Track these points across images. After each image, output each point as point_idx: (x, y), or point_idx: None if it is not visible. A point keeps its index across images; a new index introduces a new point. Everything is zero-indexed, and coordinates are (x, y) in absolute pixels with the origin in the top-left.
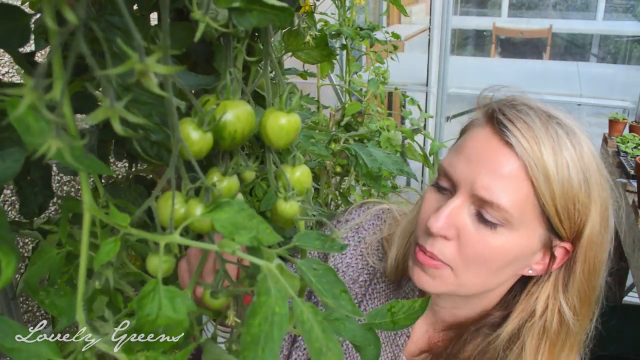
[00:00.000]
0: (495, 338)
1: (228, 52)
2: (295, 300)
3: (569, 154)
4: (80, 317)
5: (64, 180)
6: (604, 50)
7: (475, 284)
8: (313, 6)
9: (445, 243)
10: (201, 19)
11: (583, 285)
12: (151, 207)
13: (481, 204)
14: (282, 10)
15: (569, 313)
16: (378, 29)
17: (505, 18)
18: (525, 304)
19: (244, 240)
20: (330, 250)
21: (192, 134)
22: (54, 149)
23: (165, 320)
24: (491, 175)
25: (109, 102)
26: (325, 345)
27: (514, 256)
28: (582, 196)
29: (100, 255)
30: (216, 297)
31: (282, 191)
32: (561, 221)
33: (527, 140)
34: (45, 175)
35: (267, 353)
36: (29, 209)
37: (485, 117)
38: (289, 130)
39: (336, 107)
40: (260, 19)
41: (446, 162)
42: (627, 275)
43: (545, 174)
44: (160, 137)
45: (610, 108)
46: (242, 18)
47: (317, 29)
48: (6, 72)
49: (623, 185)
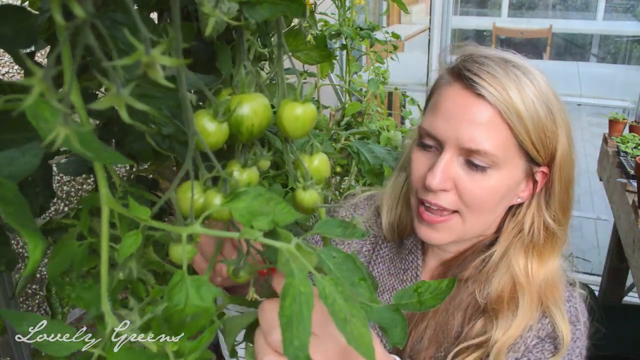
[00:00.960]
0: (489, 256)
1: (241, 46)
2: (316, 276)
3: (530, 91)
4: (106, 307)
5: (64, 180)
6: (604, 50)
7: (479, 225)
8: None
9: (446, 194)
10: (211, 12)
11: (562, 197)
12: (170, 199)
13: (468, 154)
14: (293, 2)
15: (554, 224)
16: (378, 29)
17: (505, 18)
18: (513, 225)
19: (262, 225)
20: (352, 237)
21: (207, 126)
22: (62, 135)
23: (193, 308)
24: (471, 126)
25: (115, 90)
26: (349, 313)
27: (505, 191)
28: (549, 124)
29: (123, 249)
30: (238, 275)
31: (302, 180)
32: (537, 151)
33: (495, 89)
34: (46, 176)
35: (301, 331)
36: (30, 209)
37: (453, 75)
38: (305, 120)
39: (336, 107)
40: (271, 11)
41: (427, 124)
42: (627, 275)
43: (517, 114)
44: (171, 130)
45: (610, 108)
46: (253, 11)
47: (317, 28)
48: (6, 72)
49: (623, 185)
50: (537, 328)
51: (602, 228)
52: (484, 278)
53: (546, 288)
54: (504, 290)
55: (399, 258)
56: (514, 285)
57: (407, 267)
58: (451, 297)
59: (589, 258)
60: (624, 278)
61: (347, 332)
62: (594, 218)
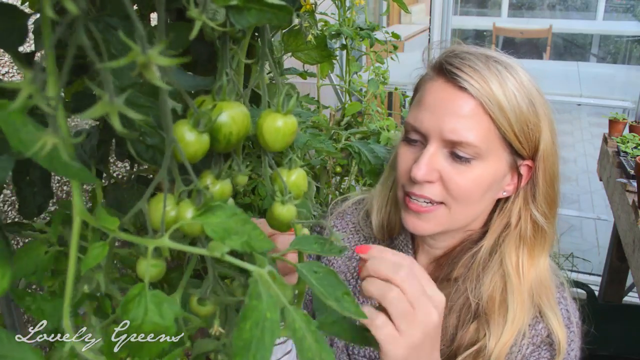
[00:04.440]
0: (477, 251)
1: (224, 53)
2: (288, 308)
3: (512, 84)
4: (67, 324)
5: (64, 180)
6: (604, 50)
7: (466, 215)
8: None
9: (431, 186)
10: (197, 17)
11: (547, 191)
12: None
13: (452, 145)
14: (280, 9)
15: (542, 218)
16: (378, 29)
17: (505, 18)
18: (500, 219)
19: (235, 245)
20: (330, 254)
21: (187, 135)
22: (50, 144)
23: (152, 326)
24: (454, 118)
25: (108, 98)
26: (318, 355)
27: (489, 183)
28: (532, 117)
29: (88, 259)
30: (203, 304)
31: (279, 195)
32: (520, 142)
33: (476, 81)
34: (45, 176)
35: (259, 359)
36: (28, 209)
37: (435, 70)
38: (286, 133)
39: (336, 107)
40: (258, 18)
41: (412, 119)
42: (627, 275)
43: (498, 106)
44: (156, 141)
45: (610, 108)
46: (240, 17)
47: (318, 28)
48: (6, 72)
49: (623, 185)
50: (531, 335)
51: (602, 228)
52: (475, 276)
53: (539, 289)
54: (496, 291)
55: None
56: (505, 287)
57: None
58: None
59: (589, 258)
60: (624, 278)
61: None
62: (594, 218)
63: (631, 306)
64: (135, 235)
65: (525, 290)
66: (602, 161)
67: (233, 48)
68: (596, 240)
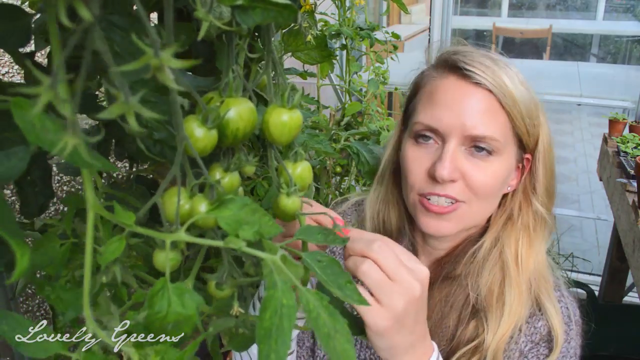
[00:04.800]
0: (479, 247)
1: (230, 50)
2: (300, 289)
3: (517, 79)
4: (87, 312)
5: (64, 180)
6: (604, 50)
7: (483, 212)
8: (313, 5)
9: (453, 185)
10: (205, 17)
11: (547, 183)
12: (156, 204)
13: (474, 141)
14: (285, 8)
15: (542, 209)
16: (378, 29)
17: (505, 18)
18: (501, 214)
19: (247, 235)
20: (333, 244)
21: (196, 131)
22: (71, 146)
23: (175, 316)
24: (475, 114)
25: (123, 98)
26: (332, 329)
27: (505, 177)
28: (534, 110)
29: (106, 254)
30: (221, 288)
31: (285, 187)
32: (529, 135)
33: (490, 76)
34: (46, 176)
35: (280, 344)
36: (29, 209)
37: (444, 68)
38: (291, 127)
39: (336, 107)
40: (263, 17)
41: (426, 118)
42: (627, 275)
43: (512, 99)
44: (163, 135)
45: (610, 108)
46: (246, 16)
47: (317, 28)
48: (6, 72)
49: (623, 185)
50: (530, 332)
51: (602, 228)
52: (476, 270)
53: (537, 280)
54: (494, 283)
55: None
56: (503, 278)
57: None
58: (446, 299)
59: (589, 258)
60: (624, 278)
61: (330, 348)
62: (594, 218)
63: (631, 306)
64: (151, 229)
65: (524, 281)
66: (602, 161)
67: (239, 43)
68: (596, 240)
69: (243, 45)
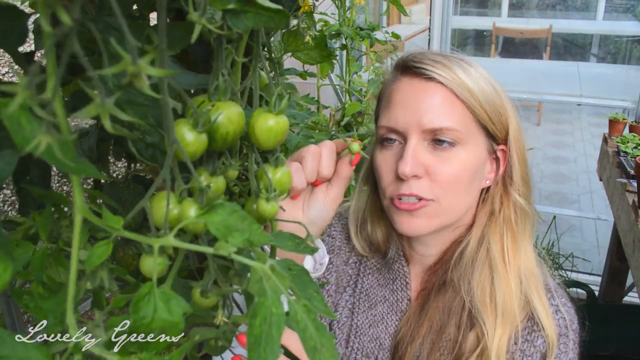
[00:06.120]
0: (466, 246)
1: (220, 54)
2: (289, 300)
3: (473, 71)
4: (71, 321)
5: (64, 180)
6: (604, 50)
7: (456, 207)
8: (312, 6)
9: (419, 182)
10: (197, 20)
11: (523, 172)
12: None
13: (433, 134)
14: (277, 13)
15: (521, 199)
16: (378, 29)
17: (505, 18)
18: (484, 209)
19: (237, 242)
20: (304, 253)
21: (187, 135)
22: (44, 144)
23: (161, 322)
24: (431, 108)
25: (100, 100)
26: (319, 342)
27: (474, 169)
28: (498, 100)
29: (91, 258)
30: (206, 297)
31: (264, 192)
32: (494, 124)
33: (442, 71)
34: (45, 175)
35: (269, 352)
36: (28, 208)
37: (399, 70)
38: (277, 132)
39: (336, 107)
40: (255, 21)
41: (385, 120)
42: (627, 275)
43: (468, 90)
44: (155, 139)
45: (610, 108)
46: (237, 20)
47: (316, 29)
48: (6, 72)
49: (623, 185)
50: (530, 352)
51: (602, 228)
52: (467, 272)
53: (527, 279)
54: (485, 283)
55: (386, 268)
56: (493, 277)
57: (395, 277)
58: (443, 307)
59: (589, 258)
60: (624, 278)
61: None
62: (594, 218)
63: (631, 306)
64: (137, 234)
65: (512, 278)
66: (602, 161)
67: (227, 47)
68: (596, 240)
69: (232, 48)
